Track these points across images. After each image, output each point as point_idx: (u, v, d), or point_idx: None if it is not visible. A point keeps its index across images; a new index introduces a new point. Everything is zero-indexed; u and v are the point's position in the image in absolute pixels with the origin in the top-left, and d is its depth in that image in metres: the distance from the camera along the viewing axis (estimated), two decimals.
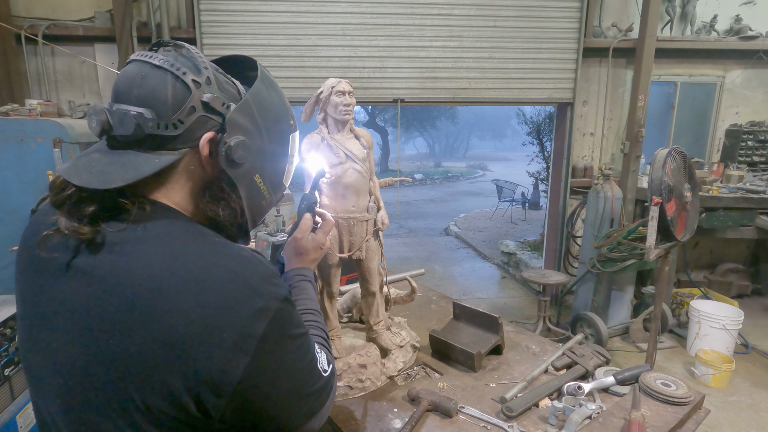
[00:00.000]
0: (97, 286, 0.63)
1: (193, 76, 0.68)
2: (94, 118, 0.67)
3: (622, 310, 4.28)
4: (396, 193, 4.96)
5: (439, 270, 6.88)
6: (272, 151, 0.80)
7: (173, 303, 0.60)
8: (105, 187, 0.63)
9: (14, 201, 2.79)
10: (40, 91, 4.16)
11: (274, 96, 0.80)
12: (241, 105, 0.73)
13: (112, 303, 0.61)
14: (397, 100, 4.63)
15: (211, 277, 0.63)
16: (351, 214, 1.52)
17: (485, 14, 4.56)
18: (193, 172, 0.72)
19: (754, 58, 5.07)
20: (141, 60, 0.68)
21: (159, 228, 0.67)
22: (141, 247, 0.64)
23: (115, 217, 0.66)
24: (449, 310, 1.86)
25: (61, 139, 2.79)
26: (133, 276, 0.62)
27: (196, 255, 0.65)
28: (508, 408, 1.31)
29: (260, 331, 0.64)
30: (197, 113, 0.68)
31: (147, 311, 0.60)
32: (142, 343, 0.60)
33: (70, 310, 0.64)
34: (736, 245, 5.44)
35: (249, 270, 0.67)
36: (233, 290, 0.63)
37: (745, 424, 3.13)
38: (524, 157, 9.22)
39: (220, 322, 0.61)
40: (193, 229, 0.70)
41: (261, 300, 0.65)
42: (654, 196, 2.69)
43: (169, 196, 0.71)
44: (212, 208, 0.74)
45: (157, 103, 0.66)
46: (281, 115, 0.82)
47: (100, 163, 0.67)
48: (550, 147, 6.33)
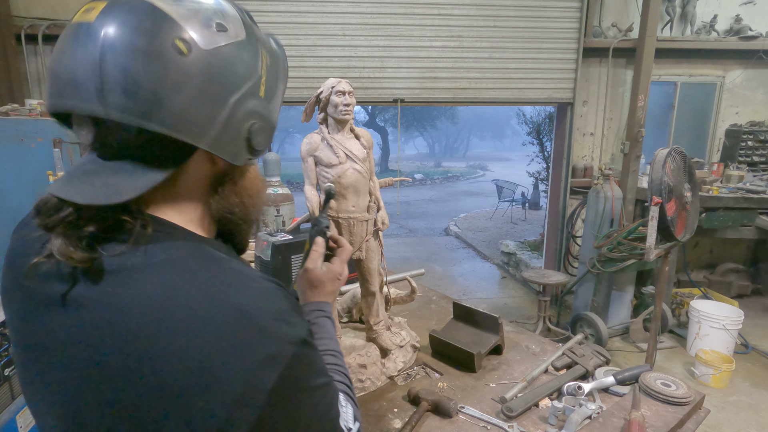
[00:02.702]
0: (89, 323, 0.54)
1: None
2: (83, 126, 0.58)
3: (622, 310, 4.28)
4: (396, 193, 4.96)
5: (439, 270, 6.88)
6: (275, 122, 0.69)
7: (169, 347, 0.51)
8: (115, 201, 0.54)
9: (14, 201, 2.79)
10: (40, 91, 4.16)
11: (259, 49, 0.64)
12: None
13: (105, 344, 0.52)
14: (397, 100, 4.63)
15: (214, 316, 0.53)
16: (351, 214, 1.52)
17: (485, 14, 4.56)
18: (201, 170, 0.63)
19: (754, 58, 5.07)
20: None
21: (161, 253, 0.57)
22: (139, 277, 0.54)
23: (114, 238, 0.56)
24: (449, 310, 1.86)
25: (61, 139, 2.79)
26: (128, 313, 0.53)
27: (200, 288, 0.55)
28: (508, 408, 1.31)
29: (270, 383, 0.53)
30: None
31: (141, 356, 0.51)
32: (136, 392, 0.51)
33: (62, 347, 0.55)
34: (736, 245, 5.44)
35: (258, 306, 0.56)
36: (238, 332, 0.53)
37: (745, 424, 3.13)
38: (524, 157, 9.22)
39: (222, 372, 0.51)
40: (201, 253, 0.60)
41: (272, 344, 0.54)
42: (654, 196, 2.69)
43: (176, 206, 0.62)
44: (226, 207, 0.66)
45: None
46: (280, 68, 0.69)
47: (102, 174, 0.57)
48: (550, 147, 6.34)
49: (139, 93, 0.52)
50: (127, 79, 0.52)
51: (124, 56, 0.52)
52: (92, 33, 0.52)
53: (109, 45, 0.52)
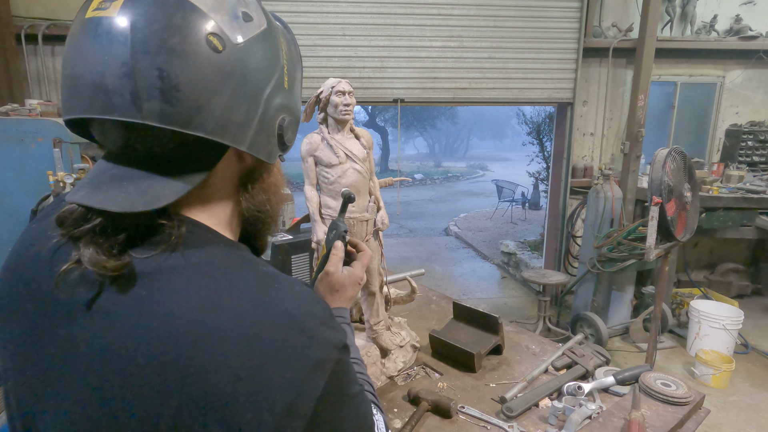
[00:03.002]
0: (121, 331, 0.49)
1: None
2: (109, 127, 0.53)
3: (622, 310, 4.28)
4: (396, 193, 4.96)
5: (439, 270, 6.88)
6: (300, 114, 0.66)
7: (216, 354, 0.47)
8: (153, 207, 0.50)
9: (14, 201, 2.79)
10: (40, 91, 4.16)
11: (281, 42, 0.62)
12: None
13: (140, 353, 0.48)
14: (397, 100, 4.63)
15: (263, 321, 0.50)
16: (351, 214, 1.52)
17: (485, 14, 4.56)
18: (230, 169, 0.60)
19: (754, 58, 5.07)
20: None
21: (199, 254, 0.53)
22: (177, 280, 0.50)
23: (146, 242, 0.52)
24: (449, 310, 1.86)
25: (61, 139, 2.79)
26: (167, 318, 0.48)
27: (245, 291, 0.52)
28: (508, 408, 1.31)
29: (318, 390, 0.50)
30: None
31: (184, 364, 0.47)
32: (178, 403, 0.47)
33: (87, 358, 0.50)
34: (736, 245, 5.44)
35: (304, 310, 0.53)
36: (288, 336, 0.50)
37: (745, 424, 3.13)
38: (524, 157, 9.22)
39: (273, 379, 0.48)
40: (238, 254, 0.57)
41: (319, 349, 0.52)
42: (654, 196, 2.69)
43: (206, 208, 0.59)
44: (256, 204, 0.63)
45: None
46: (295, 53, 0.66)
47: (132, 179, 0.52)
48: (550, 147, 6.33)
49: (179, 98, 0.48)
50: (165, 84, 0.48)
51: (159, 57, 0.47)
52: (116, 30, 0.47)
53: (140, 44, 0.47)
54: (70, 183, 2.53)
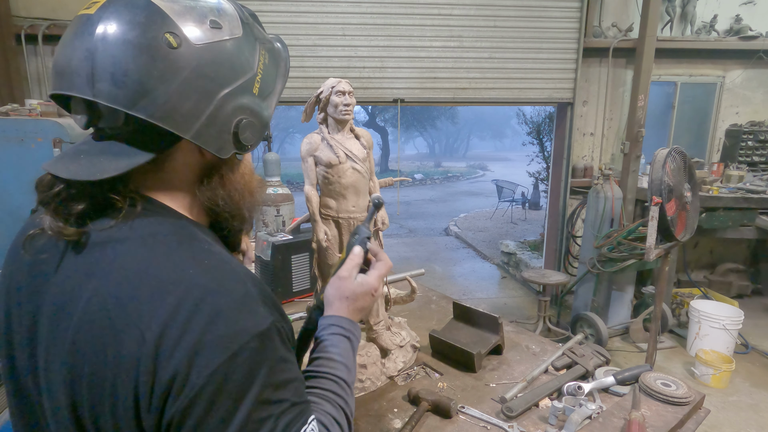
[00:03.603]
0: (71, 292, 0.57)
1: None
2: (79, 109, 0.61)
3: (622, 310, 4.28)
4: (396, 193, 4.96)
5: (439, 270, 6.88)
6: (267, 119, 0.69)
7: (131, 316, 0.53)
8: (95, 178, 0.56)
9: (14, 201, 2.79)
10: (40, 91, 4.16)
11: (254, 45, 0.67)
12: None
13: (77, 310, 0.55)
14: (397, 100, 4.63)
15: (177, 291, 0.54)
16: (351, 214, 1.52)
17: (485, 14, 4.56)
18: (191, 159, 0.65)
19: (754, 58, 5.07)
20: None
21: (146, 227, 0.59)
22: (120, 248, 0.57)
23: (104, 215, 0.59)
24: (449, 310, 1.86)
25: (61, 139, 2.79)
26: (103, 281, 0.55)
27: (173, 262, 0.57)
28: (508, 408, 1.31)
29: (212, 366, 0.51)
30: None
31: (106, 323, 0.53)
32: (95, 362, 0.53)
33: (49, 319, 0.58)
34: (736, 245, 5.44)
35: (224, 288, 0.56)
36: (196, 310, 0.53)
37: (745, 424, 3.13)
38: (524, 157, 9.22)
39: (170, 347, 0.51)
40: (184, 231, 0.62)
41: (225, 326, 0.53)
42: (654, 196, 2.69)
43: (167, 192, 0.65)
44: (211, 198, 0.67)
45: None
46: (281, 68, 0.72)
47: (89, 154, 0.60)
48: (550, 147, 6.34)
49: (126, 82, 0.55)
50: (116, 68, 0.55)
51: (115, 46, 0.55)
52: (90, 24, 0.56)
53: (103, 35, 0.55)
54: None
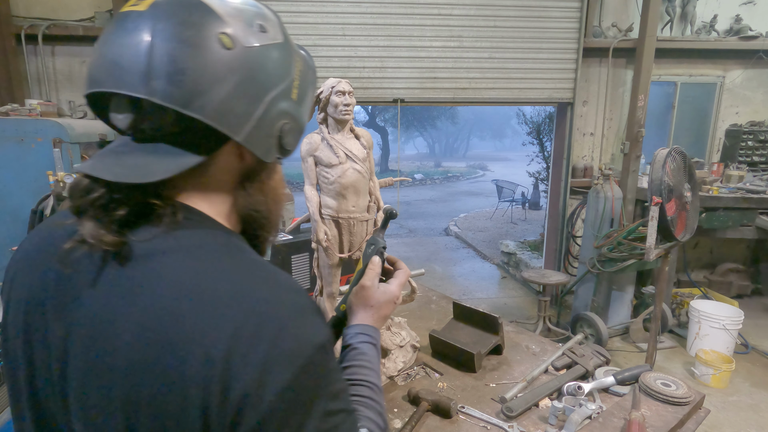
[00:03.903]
0: (114, 309, 0.52)
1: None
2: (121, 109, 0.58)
3: (622, 310, 4.28)
4: (396, 193, 4.96)
5: (439, 270, 6.88)
6: (304, 125, 0.70)
7: (193, 334, 0.49)
8: (145, 180, 0.54)
9: (14, 201, 2.79)
10: (40, 91, 4.16)
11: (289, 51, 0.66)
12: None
13: (128, 330, 0.51)
14: (397, 100, 4.63)
15: (238, 305, 0.51)
16: (351, 214, 1.52)
17: (485, 14, 4.56)
18: (232, 164, 0.63)
19: (754, 58, 5.07)
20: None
21: (191, 238, 0.56)
22: (167, 261, 0.54)
23: (144, 224, 0.56)
24: (449, 310, 1.86)
25: (61, 139, 2.79)
26: (153, 297, 0.51)
27: (227, 275, 0.54)
28: (508, 408, 1.31)
29: (281, 384, 0.49)
30: None
31: (164, 342, 0.49)
32: (158, 380, 0.49)
33: (86, 337, 0.53)
34: (736, 245, 5.44)
35: (283, 300, 0.54)
36: (260, 324, 0.50)
37: (745, 424, 3.13)
38: (524, 157, 9.22)
39: (239, 365, 0.48)
40: (230, 241, 0.60)
41: (290, 341, 0.51)
42: (654, 196, 2.69)
43: (206, 197, 0.62)
44: (251, 204, 0.66)
45: None
46: (310, 75, 0.71)
47: (132, 156, 0.57)
48: (550, 147, 6.33)
49: (182, 81, 0.54)
50: (173, 67, 0.53)
51: (171, 44, 0.54)
52: (143, 20, 0.54)
53: (159, 33, 0.54)
54: (70, 183, 2.54)
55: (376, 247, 0.91)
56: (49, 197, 2.57)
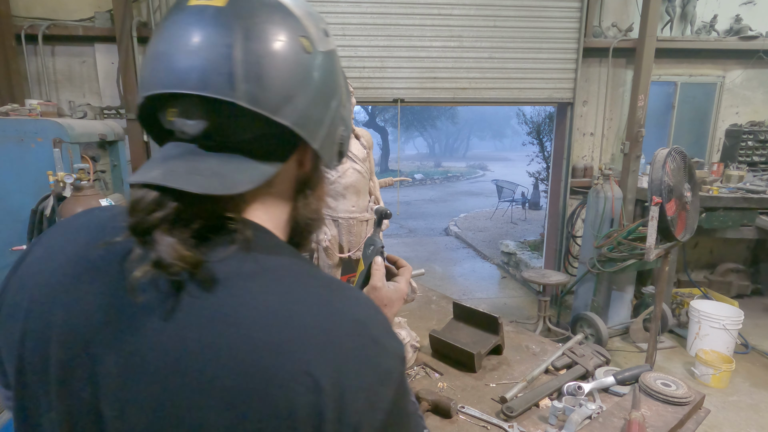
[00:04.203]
0: (198, 340, 0.46)
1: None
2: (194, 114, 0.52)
3: (622, 310, 4.28)
4: (396, 193, 4.95)
5: (439, 270, 6.87)
6: (350, 135, 0.70)
7: (299, 363, 0.45)
8: (232, 192, 0.50)
9: (14, 201, 2.79)
10: (40, 91, 4.16)
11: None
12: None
13: (220, 363, 0.45)
14: (397, 100, 4.63)
15: (337, 328, 0.48)
16: (351, 214, 1.52)
17: (485, 14, 4.56)
18: (292, 172, 0.61)
19: (754, 58, 5.07)
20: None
21: (270, 259, 0.52)
22: (252, 286, 0.49)
23: (214, 241, 0.50)
24: (449, 310, 1.86)
25: (61, 139, 2.79)
26: (246, 325, 0.46)
27: (316, 297, 0.50)
28: (508, 408, 1.31)
29: (387, 402, 0.48)
30: None
31: (267, 374, 0.45)
32: (261, 417, 0.44)
33: (157, 372, 0.46)
34: (736, 245, 5.44)
35: (373, 318, 0.52)
36: (361, 346, 0.48)
37: (745, 424, 3.13)
38: (524, 157, 9.22)
39: (350, 390, 0.46)
40: (302, 260, 0.56)
41: (387, 359, 0.50)
42: (654, 196, 2.69)
43: (267, 209, 0.58)
44: (311, 212, 0.63)
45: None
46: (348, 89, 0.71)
47: (207, 165, 0.51)
48: (550, 147, 6.33)
49: (273, 85, 0.51)
50: (263, 70, 0.50)
51: (260, 45, 0.51)
52: (225, 17, 0.50)
53: (245, 31, 0.50)
54: (70, 183, 2.53)
55: (376, 248, 0.92)
56: (49, 197, 2.57)
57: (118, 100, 4.18)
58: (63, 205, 2.51)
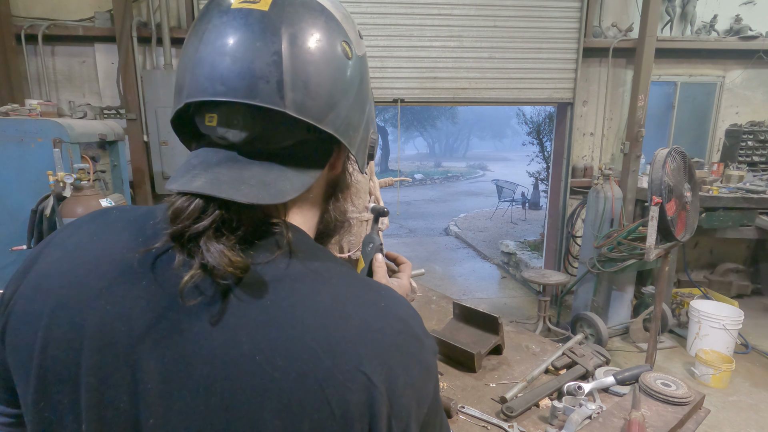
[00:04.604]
0: (249, 344, 0.45)
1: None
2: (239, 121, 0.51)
3: (622, 310, 4.28)
4: (396, 193, 4.96)
5: (439, 270, 6.87)
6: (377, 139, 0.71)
7: (353, 363, 0.46)
8: (280, 201, 0.50)
9: (14, 201, 2.79)
10: (40, 91, 4.16)
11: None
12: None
13: (275, 366, 0.45)
14: (397, 100, 4.63)
15: (385, 327, 0.49)
16: (351, 214, 1.52)
17: (485, 14, 4.56)
18: (325, 175, 0.60)
19: (754, 58, 5.07)
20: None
21: (314, 261, 0.52)
22: (300, 288, 0.49)
23: (257, 245, 0.50)
24: (449, 310, 1.86)
25: (61, 139, 2.79)
26: (299, 327, 0.46)
27: (362, 297, 0.51)
28: (508, 408, 1.31)
29: (430, 397, 0.50)
30: None
31: (323, 375, 0.45)
32: (319, 418, 0.44)
33: (205, 378, 0.45)
34: (736, 245, 5.44)
35: (412, 315, 0.53)
36: (407, 343, 0.50)
37: (745, 424, 3.13)
38: (524, 157, 9.23)
39: (399, 386, 0.47)
40: (341, 262, 0.56)
41: (428, 355, 0.51)
42: (654, 196, 2.69)
43: (302, 212, 0.58)
44: (341, 214, 0.64)
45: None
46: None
47: (252, 173, 0.50)
48: (550, 147, 6.33)
49: (319, 93, 0.50)
50: (310, 78, 0.50)
51: (307, 53, 0.50)
52: (270, 22, 0.49)
53: (292, 38, 0.49)
54: (70, 183, 2.53)
55: (375, 245, 0.92)
56: (49, 197, 2.57)
57: (118, 100, 4.18)
58: (63, 205, 2.51)
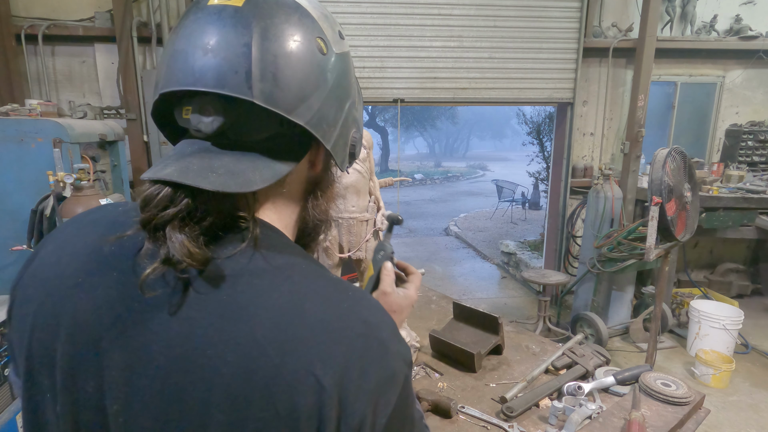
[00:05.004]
0: (203, 337, 0.46)
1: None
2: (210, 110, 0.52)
3: (622, 310, 4.28)
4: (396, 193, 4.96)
5: (439, 270, 6.88)
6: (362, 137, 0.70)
7: (303, 362, 0.45)
8: (246, 190, 0.50)
9: (14, 201, 2.79)
10: (40, 91, 4.16)
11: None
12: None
13: (224, 360, 0.45)
14: (397, 100, 4.63)
15: (344, 329, 0.48)
16: (351, 214, 1.52)
17: (485, 14, 4.56)
18: (304, 173, 0.61)
19: (754, 58, 5.07)
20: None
21: (279, 258, 0.52)
22: (259, 283, 0.49)
23: (223, 239, 0.50)
24: (449, 310, 1.86)
25: (61, 139, 2.78)
26: (251, 323, 0.46)
27: (324, 297, 0.50)
28: (508, 408, 1.31)
29: (391, 407, 0.48)
30: None
31: (271, 372, 0.45)
32: (263, 417, 0.44)
33: (162, 369, 0.46)
34: (736, 245, 5.44)
35: (380, 320, 0.52)
36: (367, 347, 0.48)
37: (745, 424, 3.13)
38: (524, 157, 9.23)
39: (353, 391, 0.46)
40: (310, 260, 0.56)
41: (393, 361, 0.50)
42: (654, 196, 2.69)
43: (276, 209, 0.58)
44: (321, 213, 0.64)
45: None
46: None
47: (222, 163, 0.51)
48: (550, 147, 6.34)
49: (289, 85, 0.52)
50: (279, 70, 0.51)
51: (277, 45, 0.51)
52: (242, 15, 0.51)
53: (263, 31, 0.51)
54: (70, 183, 2.53)
55: (386, 254, 0.91)
56: (49, 197, 2.57)
57: (118, 100, 4.18)
58: (63, 205, 2.51)
